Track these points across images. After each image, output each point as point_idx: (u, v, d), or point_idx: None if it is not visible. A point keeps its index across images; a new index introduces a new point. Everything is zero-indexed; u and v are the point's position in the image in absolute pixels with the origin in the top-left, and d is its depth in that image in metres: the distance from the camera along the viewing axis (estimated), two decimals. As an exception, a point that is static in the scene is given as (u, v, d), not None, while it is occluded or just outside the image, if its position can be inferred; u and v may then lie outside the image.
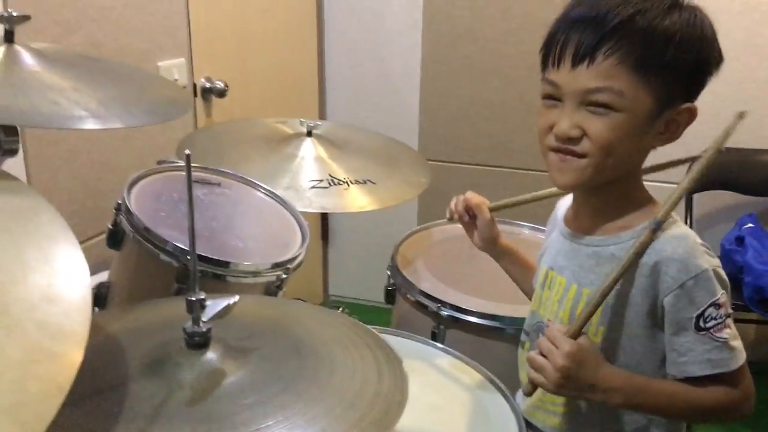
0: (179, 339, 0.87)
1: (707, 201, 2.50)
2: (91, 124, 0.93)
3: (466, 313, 1.48)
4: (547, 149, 1.01)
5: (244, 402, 0.81)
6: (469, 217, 1.33)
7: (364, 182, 1.63)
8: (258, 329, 0.95)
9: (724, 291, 0.97)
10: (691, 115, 0.98)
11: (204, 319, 0.84)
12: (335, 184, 1.61)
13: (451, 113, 2.83)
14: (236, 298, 0.86)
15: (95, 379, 0.83)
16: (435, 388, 1.26)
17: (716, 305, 0.96)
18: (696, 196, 2.46)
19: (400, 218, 2.85)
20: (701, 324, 0.96)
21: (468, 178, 2.85)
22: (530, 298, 1.24)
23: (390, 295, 1.64)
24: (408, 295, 1.57)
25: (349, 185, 1.61)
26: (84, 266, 0.80)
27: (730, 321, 0.97)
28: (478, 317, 1.47)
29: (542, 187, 1.30)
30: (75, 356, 0.69)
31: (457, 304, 1.49)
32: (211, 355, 0.86)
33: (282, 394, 0.82)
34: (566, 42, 0.97)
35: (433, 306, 1.50)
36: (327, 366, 0.88)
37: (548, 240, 1.20)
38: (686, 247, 0.97)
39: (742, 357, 0.98)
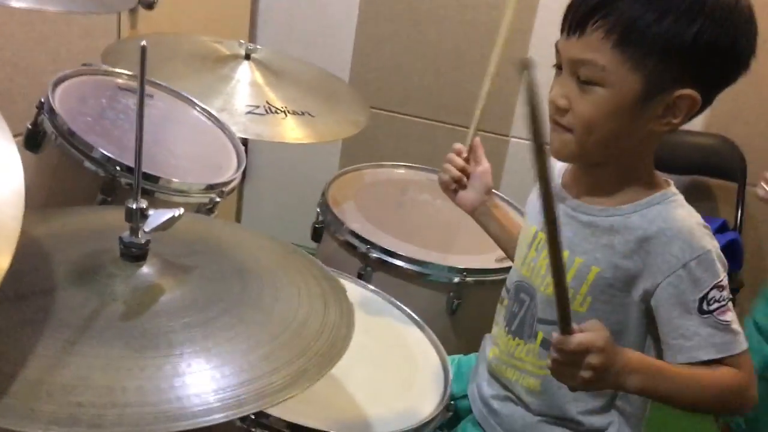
0: (112, 249, 0.80)
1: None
2: (29, 2, 0.83)
3: (394, 257, 1.46)
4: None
5: (183, 321, 0.76)
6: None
7: (302, 113, 1.57)
8: (197, 248, 0.89)
9: (725, 273, 0.95)
10: (693, 102, 0.92)
11: (146, 229, 0.77)
12: (272, 113, 1.54)
13: (384, 59, 2.77)
14: (180, 210, 0.80)
15: (16, 283, 0.75)
16: (363, 329, 1.23)
17: (719, 287, 0.93)
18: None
19: (322, 160, 2.80)
20: (704, 307, 0.93)
21: (394, 126, 2.81)
22: (512, 259, 1.20)
23: (317, 233, 1.60)
24: (337, 234, 1.53)
25: (286, 115, 1.54)
26: (18, 164, 0.72)
27: (730, 304, 0.94)
28: (406, 262, 1.45)
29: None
30: (2, 260, 0.63)
31: (386, 247, 1.46)
32: (148, 269, 0.80)
33: (223, 316, 0.78)
34: (569, 9, 0.94)
35: (362, 247, 1.47)
36: (271, 292, 0.84)
37: (537, 193, 1.16)
38: (690, 226, 0.95)
39: (744, 341, 0.94)
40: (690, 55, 0.89)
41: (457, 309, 1.46)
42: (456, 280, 1.45)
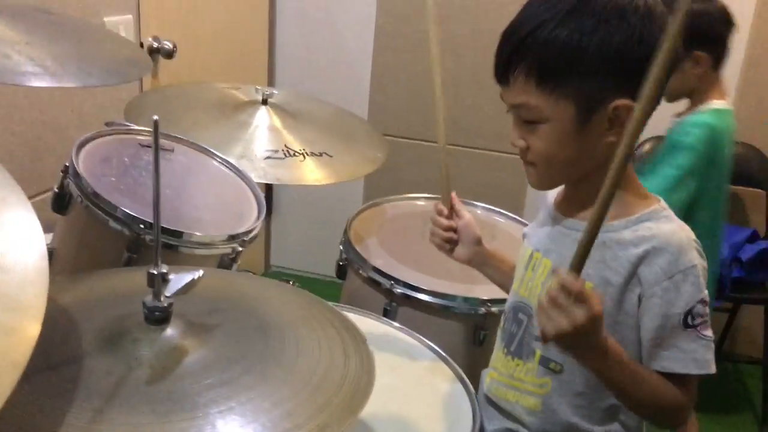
0: (137, 313, 0.83)
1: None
2: (45, 82, 0.87)
3: (419, 291, 1.47)
4: None
5: (207, 382, 0.77)
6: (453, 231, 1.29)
7: (320, 155, 1.59)
8: (220, 305, 0.91)
9: (706, 290, 0.97)
10: (628, 109, 0.95)
11: (167, 294, 0.80)
12: (291, 156, 1.57)
13: (402, 88, 2.80)
14: (200, 272, 0.82)
15: (48, 353, 0.78)
16: (390, 367, 1.25)
17: (703, 302, 0.96)
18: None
19: (346, 192, 2.83)
20: (689, 321, 0.95)
21: (416, 153, 2.84)
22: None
23: (342, 270, 1.62)
24: (360, 271, 1.55)
25: (305, 157, 1.57)
26: (39, 232, 0.75)
27: (709, 320, 0.97)
28: (431, 296, 1.47)
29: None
30: (31, 330, 0.65)
31: (410, 282, 1.48)
32: (171, 331, 0.82)
33: (246, 374, 0.80)
34: (495, 63, 1.01)
35: (386, 283, 1.49)
36: (292, 346, 0.85)
37: (537, 220, 1.19)
38: (679, 240, 0.97)
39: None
40: (603, 70, 0.94)
41: (484, 340, 1.47)
42: (481, 311, 1.46)
